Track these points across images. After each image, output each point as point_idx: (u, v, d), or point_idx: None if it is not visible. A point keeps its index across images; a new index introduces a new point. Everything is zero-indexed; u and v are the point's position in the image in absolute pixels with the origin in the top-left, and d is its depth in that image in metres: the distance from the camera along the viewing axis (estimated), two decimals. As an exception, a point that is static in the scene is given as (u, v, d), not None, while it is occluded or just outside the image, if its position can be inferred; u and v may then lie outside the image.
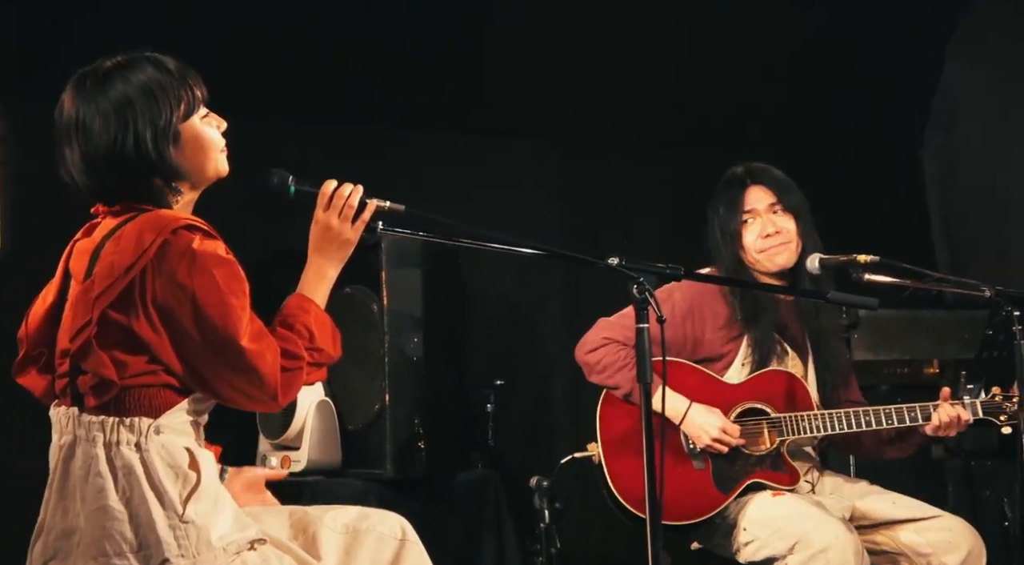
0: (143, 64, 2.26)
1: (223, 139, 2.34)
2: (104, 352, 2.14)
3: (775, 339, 3.28)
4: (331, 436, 3.93)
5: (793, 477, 3.18)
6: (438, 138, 4.74)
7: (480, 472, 4.27)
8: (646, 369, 2.33)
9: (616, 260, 2.39)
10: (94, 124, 2.22)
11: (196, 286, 2.12)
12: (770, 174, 3.34)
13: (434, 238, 2.46)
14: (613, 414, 3.30)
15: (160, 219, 2.18)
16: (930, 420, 3.14)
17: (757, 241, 3.28)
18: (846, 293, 2.90)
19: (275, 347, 2.19)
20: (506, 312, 4.92)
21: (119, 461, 2.15)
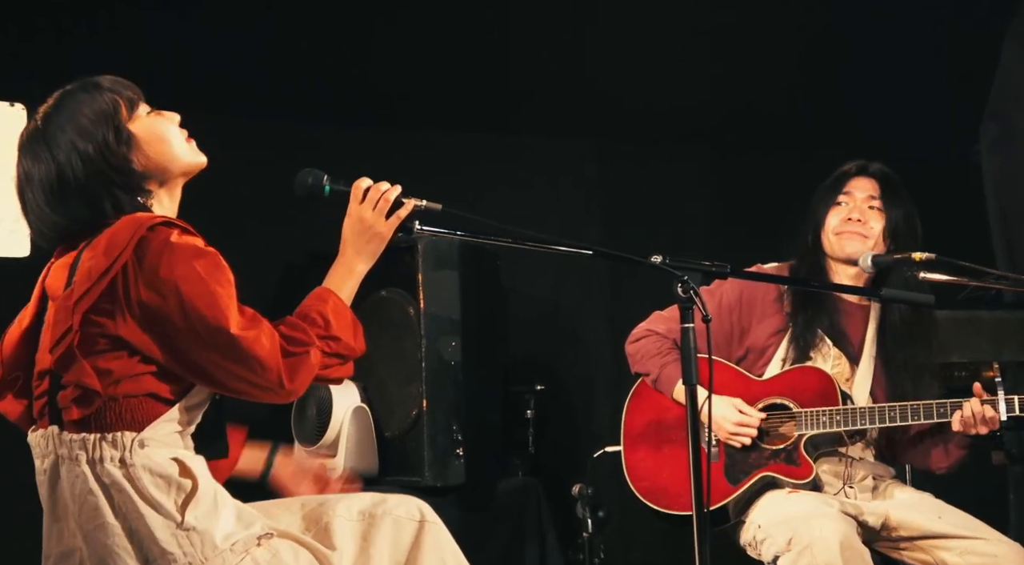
0: (65, 97, 2.28)
1: (180, 129, 2.33)
2: (86, 360, 2.13)
3: (818, 336, 3.28)
4: (367, 443, 3.96)
5: (806, 471, 3.17)
6: (473, 139, 4.76)
7: (521, 480, 4.28)
8: (691, 370, 2.33)
9: (660, 258, 2.39)
10: (38, 166, 2.23)
11: (178, 278, 2.12)
12: (887, 174, 3.36)
13: (472, 238, 2.47)
14: (638, 407, 3.38)
15: (135, 220, 2.18)
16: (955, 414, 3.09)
17: (838, 223, 3.29)
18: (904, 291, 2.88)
19: (271, 332, 2.16)
20: (547, 314, 4.94)
21: (106, 478, 2.14)
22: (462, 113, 4.69)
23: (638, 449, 3.34)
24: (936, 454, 3.29)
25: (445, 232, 2.45)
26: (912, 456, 3.36)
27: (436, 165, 4.63)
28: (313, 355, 2.20)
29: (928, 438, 3.28)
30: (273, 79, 4.10)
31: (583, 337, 4.95)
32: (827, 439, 3.24)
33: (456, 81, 4.64)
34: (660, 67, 4.76)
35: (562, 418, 4.71)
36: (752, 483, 3.20)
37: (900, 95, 4.99)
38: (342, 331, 2.26)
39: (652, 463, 3.31)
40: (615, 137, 4.95)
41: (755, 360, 3.33)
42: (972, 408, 3.07)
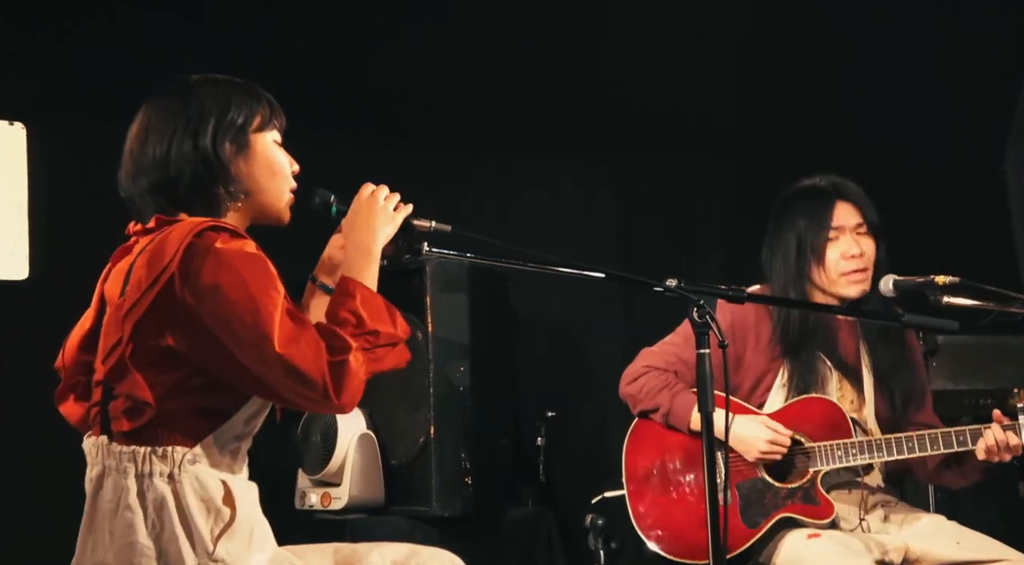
0: (223, 78, 2.33)
1: (292, 175, 2.35)
2: (138, 371, 2.14)
3: (820, 361, 3.25)
4: (373, 471, 3.94)
5: (826, 510, 3.13)
6: (487, 156, 4.77)
7: (531, 509, 4.26)
8: (707, 397, 2.31)
9: (674, 282, 2.38)
10: (156, 118, 2.27)
11: (223, 286, 2.11)
12: (856, 190, 3.32)
13: (482, 259, 2.46)
14: (638, 448, 3.32)
15: (185, 225, 2.18)
16: (977, 444, 3.06)
17: (840, 262, 3.25)
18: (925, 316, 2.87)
19: (315, 342, 2.12)
20: (559, 339, 4.92)
21: (151, 494, 2.15)
22: (476, 129, 4.70)
23: (644, 495, 3.26)
24: (952, 477, 3.27)
25: (454, 254, 2.45)
26: (927, 476, 3.34)
27: (449, 183, 4.63)
28: (353, 361, 2.15)
29: (943, 464, 3.26)
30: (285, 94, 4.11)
31: (596, 362, 4.93)
32: (841, 473, 3.21)
33: (470, 97, 4.66)
34: (680, 84, 4.78)
35: (574, 446, 4.68)
36: (771, 526, 3.15)
37: (927, 115, 4.98)
38: (378, 322, 2.21)
39: (662, 510, 3.23)
40: (632, 154, 4.95)
41: (752, 389, 3.28)
42: (995, 436, 3.04)
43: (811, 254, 3.26)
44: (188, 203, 2.27)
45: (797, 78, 4.87)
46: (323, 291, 2.43)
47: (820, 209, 3.28)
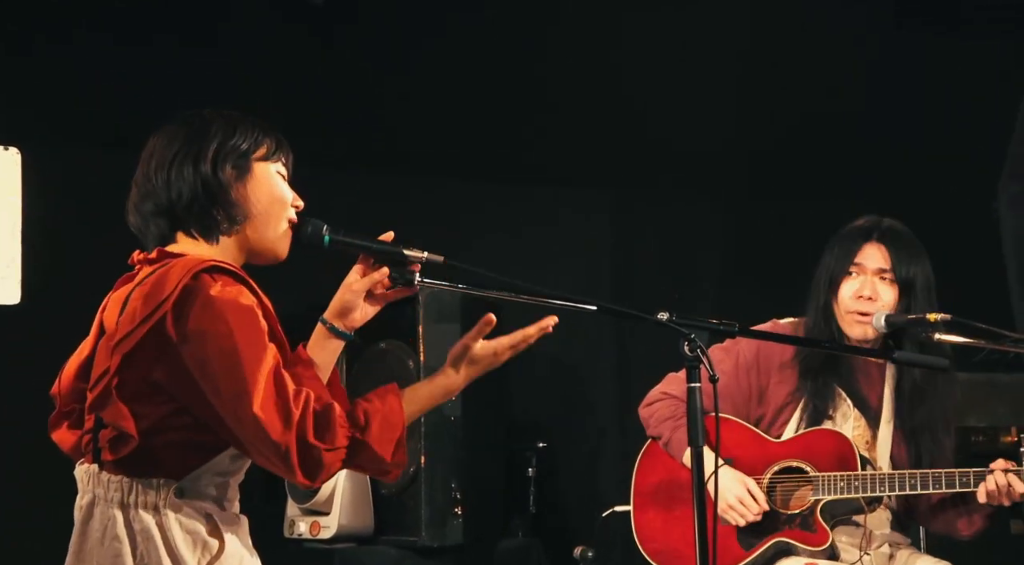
0: (233, 111, 2.33)
1: (292, 204, 2.35)
2: (123, 403, 2.14)
3: (837, 396, 3.26)
4: (363, 500, 3.94)
5: (822, 538, 3.14)
6: (483, 187, 4.80)
7: (521, 540, 4.25)
8: (698, 432, 2.31)
9: (666, 315, 2.38)
10: (161, 144, 2.29)
11: (210, 333, 2.10)
12: (897, 236, 3.31)
13: (474, 291, 2.46)
14: (649, 466, 3.36)
15: (185, 264, 2.18)
16: (979, 487, 3.07)
17: (850, 299, 3.27)
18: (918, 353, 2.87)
19: (297, 417, 2.09)
20: (552, 370, 4.92)
21: (137, 524, 2.15)
22: (472, 160, 4.72)
23: (648, 510, 3.31)
24: (959, 523, 3.26)
25: (446, 285, 2.44)
26: (933, 523, 3.33)
27: (445, 213, 4.65)
28: (329, 459, 2.12)
29: (950, 507, 3.25)
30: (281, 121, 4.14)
31: (588, 393, 4.94)
32: (845, 506, 3.21)
33: (467, 128, 4.68)
34: (676, 118, 4.80)
35: (565, 477, 4.68)
36: (765, 549, 3.16)
37: (919, 149, 5.01)
38: (379, 442, 2.16)
39: (662, 524, 3.27)
40: (631, 189, 4.97)
41: (772, 420, 3.30)
42: (997, 481, 3.05)
43: (830, 285, 3.29)
44: (186, 225, 2.28)
45: (797, 119, 4.90)
46: (332, 333, 2.41)
47: (851, 244, 3.31)
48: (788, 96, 4.87)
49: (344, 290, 2.41)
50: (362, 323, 2.43)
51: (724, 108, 4.85)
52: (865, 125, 4.93)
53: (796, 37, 4.83)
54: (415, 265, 2.37)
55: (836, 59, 4.83)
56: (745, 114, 4.87)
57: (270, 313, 2.21)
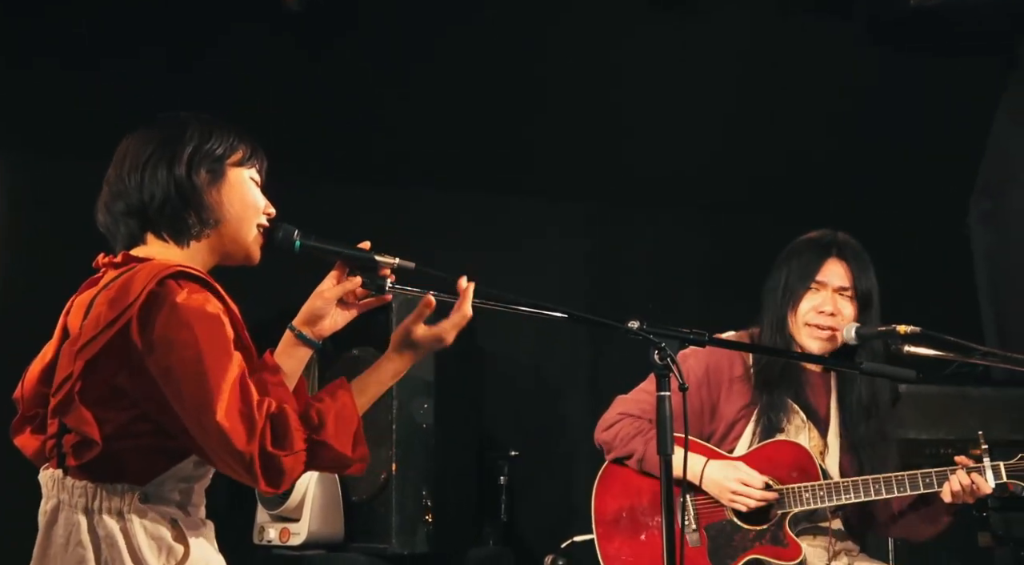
0: (208, 116, 2.34)
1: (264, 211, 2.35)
2: (86, 408, 2.13)
3: (790, 409, 3.28)
4: (333, 507, 3.92)
5: (794, 551, 3.15)
6: (465, 198, 4.80)
7: (492, 549, 4.25)
8: (667, 439, 2.32)
9: (636, 324, 2.39)
10: (135, 145, 2.29)
11: (175, 341, 2.10)
12: (855, 252, 3.35)
13: (447, 297, 2.46)
14: (608, 492, 3.34)
15: (152, 269, 2.17)
16: (943, 487, 3.09)
17: (810, 313, 3.29)
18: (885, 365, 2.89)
19: (256, 427, 2.09)
20: (525, 379, 4.93)
21: (101, 530, 2.14)
22: (456, 172, 4.73)
23: (613, 539, 3.28)
24: (922, 525, 3.29)
25: (419, 291, 2.44)
26: (893, 529, 3.36)
27: (426, 223, 4.66)
28: (290, 465, 2.12)
29: (912, 510, 3.28)
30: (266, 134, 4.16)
31: (561, 403, 4.94)
32: (806, 514, 3.23)
33: (452, 140, 4.69)
34: (661, 133, 4.83)
35: (537, 486, 4.68)
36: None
37: (894, 166, 5.05)
38: (337, 438, 2.16)
39: (630, 553, 3.25)
40: (608, 200, 4.99)
41: (724, 435, 3.31)
42: (961, 480, 3.07)
43: (789, 300, 3.30)
44: (157, 227, 2.27)
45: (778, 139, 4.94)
46: (301, 341, 2.41)
47: (811, 260, 3.33)
48: (776, 116, 4.91)
49: (315, 297, 2.41)
50: (331, 332, 2.42)
51: (711, 125, 4.87)
52: (841, 141, 4.97)
53: (788, 58, 4.86)
54: (386, 270, 2.36)
55: (822, 81, 4.87)
56: (732, 132, 4.90)
57: (237, 319, 2.21)
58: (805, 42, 4.85)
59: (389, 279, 2.38)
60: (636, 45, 4.78)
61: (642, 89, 4.81)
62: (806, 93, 4.90)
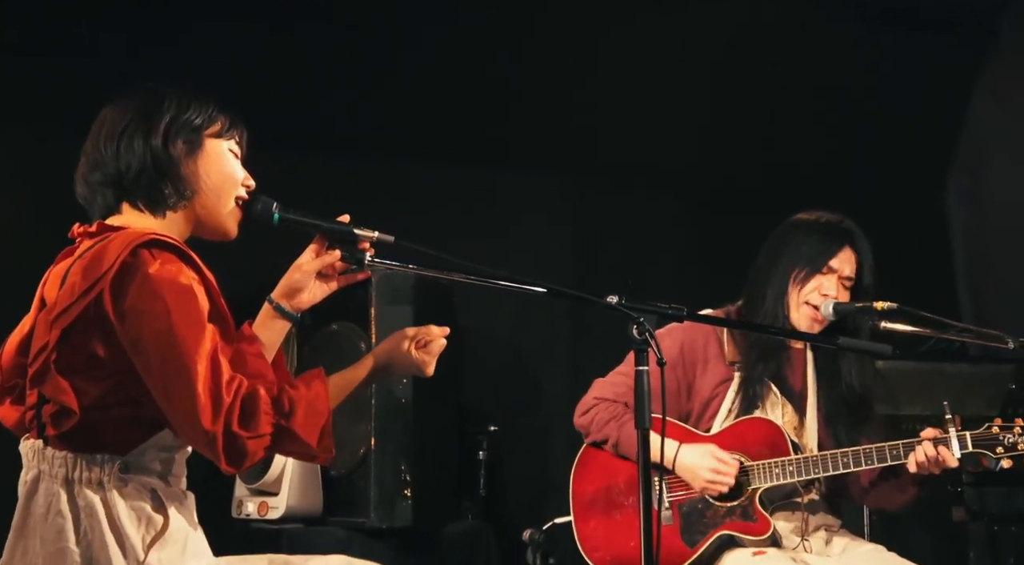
0: (188, 87, 2.33)
1: (243, 184, 2.34)
2: (63, 377, 2.13)
3: (766, 386, 3.30)
4: (312, 482, 3.93)
5: (763, 526, 3.18)
6: (448, 173, 4.79)
7: (470, 523, 4.26)
8: (644, 414, 2.33)
9: (615, 299, 2.39)
10: (112, 115, 2.28)
11: (147, 312, 2.09)
12: (866, 248, 3.36)
13: (425, 271, 2.47)
14: (585, 475, 3.36)
15: (125, 238, 2.16)
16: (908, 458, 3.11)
17: (813, 294, 3.30)
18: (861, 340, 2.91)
19: (223, 406, 2.08)
20: (505, 355, 4.94)
21: (81, 501, 2.14)
22: (438, 148, 4.72)
23: (589, 519, 3.30)
24: (892, 495, 3.31)
25: (397, 265, 2.45)
26: (866, 499, 3.38)
27: (407, 199, 4.65)
28: (253, 447, 2.11)
29: (882, 481, 3.31)
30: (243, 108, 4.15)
31: (540, 378, 4.96)
32: (781, 492, 3.25)
33: (434, 117, 4.68)
34: (643, 112, 4.83)
35: (516, 461, 4.70)
36: (710, 544, 3.18)
37: (872, 144, 5.07)
38: (305, 428, 2.15)
39: (605, 532, 3.27)
40: (592, 180, 4.99)
41: (701, 414, 3.32)
42: (926, 451, 3.10)
43: (798, 278, 3.31)
44: (134, 198, 2.27)
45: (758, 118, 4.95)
46: (279, 313, 2.40)
47: (829, 245, 3.32)
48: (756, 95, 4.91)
49: (294, 270, 2.41)
50: (310, 305, 2.43)
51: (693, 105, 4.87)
52: (819, 119, 4.98)
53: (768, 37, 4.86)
54: (365, 243, 2.36)
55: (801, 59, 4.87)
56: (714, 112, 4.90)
57: (213, 288, 2.20)
58: (784, 21, 4.85)
59: (368, 253, 2.39)
60: (621, 26, 4.78)
61: (625, 68, 4.80)
62: (786, 72, 4.91)
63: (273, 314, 2.39)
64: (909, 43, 4.94)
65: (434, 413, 4.10)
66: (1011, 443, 3.10)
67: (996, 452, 3.11)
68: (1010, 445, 3.10)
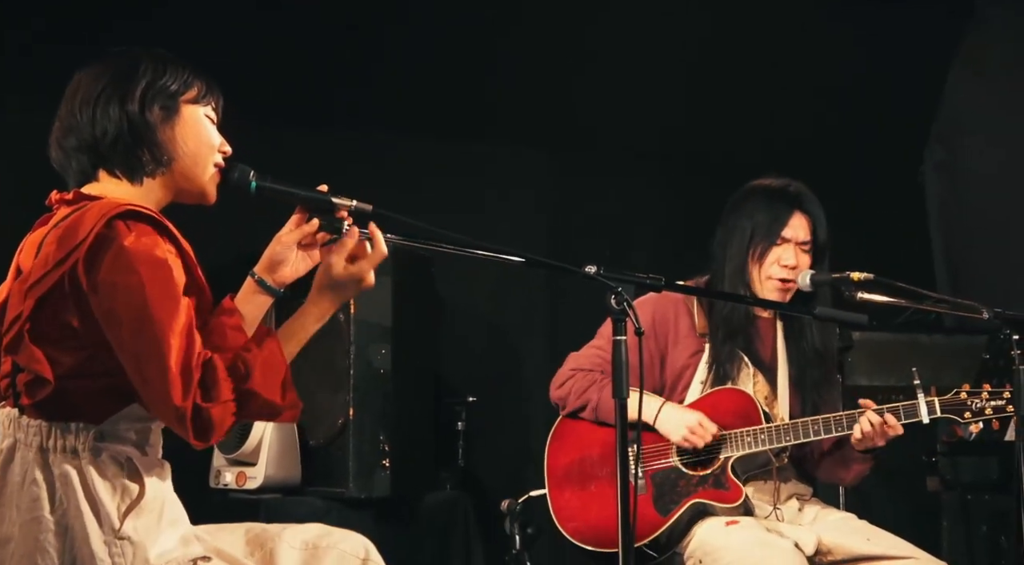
0: (163, 52, 2.30)
1: (219, 150, 2.32)
2: (37, 347, 2.12)
3: (738, 357, 3.32)
4: (290, 452, 3.93)
5: (736, 494, 3.20)
6: (428, 145, 4.78)
7: (449, 493, 4.28)
8: (622, 384, 2.33)
9: (594, 269, 2.40)
10: (87, 80, 2.25)
11: (120, 285, 2.08)
12: (815, 205, 3.36)
13: (404, 240, 2.46)
14: (560, 447, 3.38)
15: (100, 208, 2.14)
16: (854, 428, 3.14)
17: (774, 266, 3.31)
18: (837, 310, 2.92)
19: (193, 382, 2.07)
20: (483, 325, 4.94)
21: (56, 469, 2.13)
22: (417, 118, 4.70)
23: (564, 490, 3.32)
24: (839, 469, 3.35)
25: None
26: (819, 473, 3.42)
27: (385, 169, 4.64)
28: (219, 416, 2.10)
29: (829, 455, 3.35)
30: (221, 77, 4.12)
31: (518, 349, 4.97)
32: (753, 461, 3.27)
33: (413, 86, 4.66)
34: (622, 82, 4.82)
35: (494, 431, 4.71)
36: (683, 512, 3.20)
37: (849, 115, 5.08)
38: (265, 387, 2.14)
39: (579, 503, 3.29)
40: (569, 148, 4.99)
41: (673, 386, 3.34)
42: (871, 419, 3.12)
43: (755, 253, 3.31)
44: (110, 164, 2.25)
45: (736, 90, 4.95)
46: (261, 287, 2.39)
47: (778, 214, 3.32)
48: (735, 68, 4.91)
49: (275, 243, 2.40)
50: (292, 279, 2.41)
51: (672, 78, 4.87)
52: (796, 90, 4.98)
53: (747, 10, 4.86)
54: (343, 212, 2.35)
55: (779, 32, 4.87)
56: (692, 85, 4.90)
57: (190, 259, 2.19)
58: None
59: (347, 221, 2.38)
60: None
61: (606, 40, 4.79)
62: (765, 45, 4.90)
63: (255, 289, 2.38)
64: (887, 15, 4.94)
65: (412, 384, 4.10)
66: (979, 408, 3.13)
67: (964, 417, 3.15)
68: (978, 410, 3.13)
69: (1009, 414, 3.12)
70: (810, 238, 3.33)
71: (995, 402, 3.13)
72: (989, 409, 3.13)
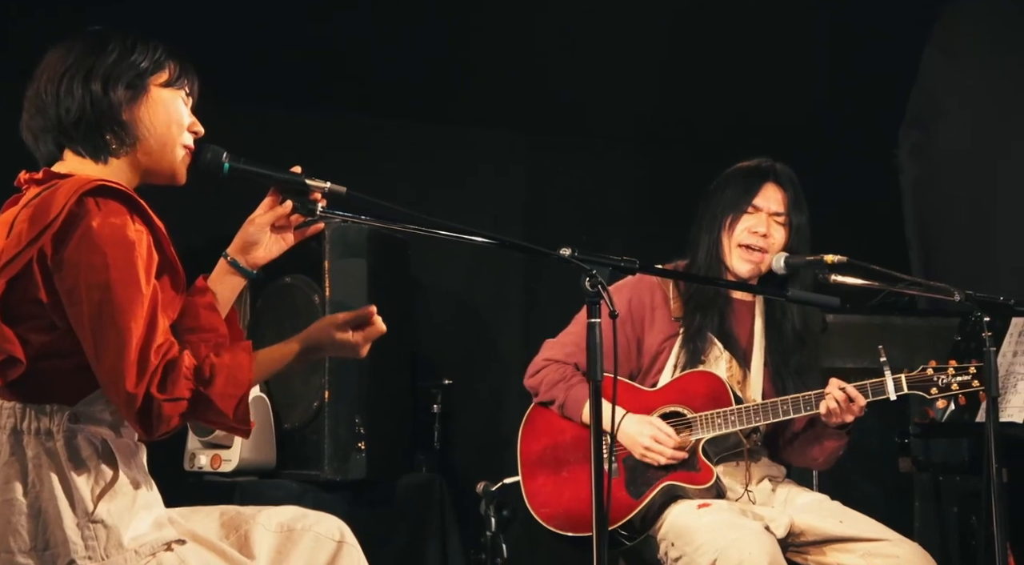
0: (137, 32, 2.28)
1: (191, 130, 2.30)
2: (9, 327, 2.11)
3: (708, 340, 3.33)
4: (266, 434, 3.93)
5: (706, 475, 3.22)
6: (404, 125, 4.76)
7: (424, 476, 4.28)
8: (597, 366, 2.34)
9: (568, 251, 2.40)
10: (54, 58, 2.23)
11: (82, 264, 2.07)
12: (792, 181, 3.39)
13: (378, 223, 2.45)
14: (532, 433, 3.40)
15: (71, 185, 2.12)
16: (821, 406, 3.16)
17: (743, 233, 3.33)
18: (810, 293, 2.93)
19: (148, 369, 2.06)
20: (459, 309, 4.94)
21: (30, 451, 2.13)
22: (390, 99, 4.68)
23: (537, 476, 3.34)
24: (812, 451, 3.37)
25: (350, 217, 2.43)
26: (790, 454, 3.43)
27: (360, 150, 4.62)
28: (169, 411, 2.08)
29: (801, 436, 3.37)
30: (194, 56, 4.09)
31: (494, 332, 4.97)
32: (724, 443, 3.29)
33: (385, 66, 4.64)
34: (597, 63, 4.81)
35: (469, 414, 4.72)
36: (655, 495, 3.22)
37: (823, 97, 5.08)
38: (222, 398, 2.12)
39: (552, 488, 3.31)
40: (544, 130, 4.98)
41: (648, 369, 3.36)
42: (836, 396, 3.15)
43: (725, 222, 3.33)
44: (74, 144, 2.23)
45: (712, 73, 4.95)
46: (234, 268, 2.38)
47: (750, 185, 3.36)
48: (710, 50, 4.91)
49: (248, 224, 2.40)
50: (265, 261, 2.41)
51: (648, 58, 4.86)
52: (772, 73, 4.99)
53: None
54: (316, 194, 2.35)
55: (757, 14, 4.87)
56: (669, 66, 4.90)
57: (163, 237, 2.18)
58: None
59: (320, 203, 2.37)
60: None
61: (580, 20, 4.78)
62: (740, 27, 4.90)
63: (228, 270, 2.38)
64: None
65: (388, 366, 4.09)
66: (945, 384, 3.16)
67: (931, 393, 3.18)
68: (944, 385, 3.16)
69: (975, 389, 3.15)
70: (784, 210, 3.34)
71: (961, 377, 3.16)
72: (955, 385, 3.16)
